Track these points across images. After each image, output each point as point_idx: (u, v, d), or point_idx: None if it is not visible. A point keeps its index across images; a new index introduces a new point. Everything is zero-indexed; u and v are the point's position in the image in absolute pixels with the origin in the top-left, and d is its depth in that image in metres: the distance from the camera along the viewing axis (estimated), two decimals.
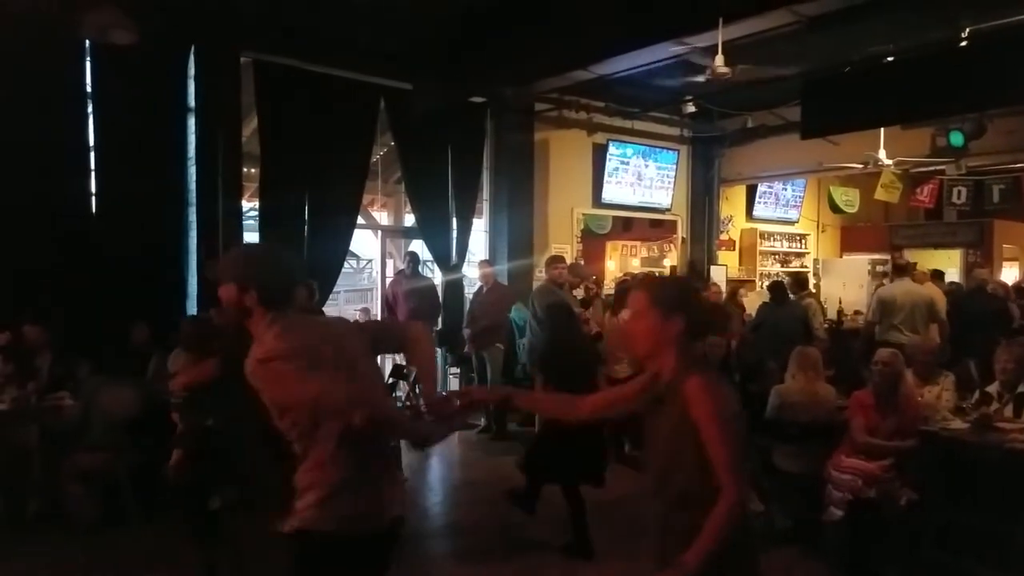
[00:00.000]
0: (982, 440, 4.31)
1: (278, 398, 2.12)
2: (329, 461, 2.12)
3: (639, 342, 2.12)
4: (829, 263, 12.49)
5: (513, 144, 8.80)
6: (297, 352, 2.12)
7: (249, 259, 2.29)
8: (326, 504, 2.13)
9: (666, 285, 2.36)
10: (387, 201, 10.56)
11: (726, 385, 2.13)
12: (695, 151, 11.06)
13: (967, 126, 8.19)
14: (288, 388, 2.09)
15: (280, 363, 2.09)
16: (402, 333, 2.58)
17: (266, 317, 2.16)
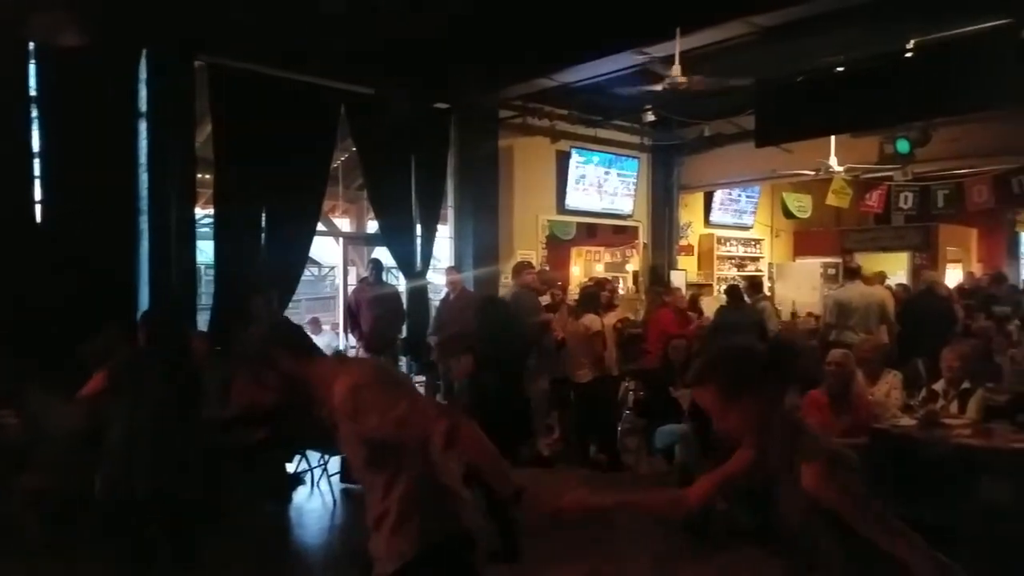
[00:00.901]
0: (929, 436, 4.47)
1: (373, 424, 2.08)
2: (415, 487, 2.12)
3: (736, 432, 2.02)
4: (783, 267, 12.78)
5: (478, 151, 8.82)
6: (376, 374, 2.18)
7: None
8: (416, 532, 2.13)
9: (727, 369, 2.00)
10: (349, 208, 10.49)
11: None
12: (655, 159, 11.24)
13: (913, 134, 8.48)
14: (383, 410, 2.07)
15: (370, 387, 2.10)
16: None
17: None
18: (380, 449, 2.11)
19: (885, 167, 9.58)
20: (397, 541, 2.12)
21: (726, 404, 1.93)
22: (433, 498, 2.13)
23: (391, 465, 2.12)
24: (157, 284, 6.54)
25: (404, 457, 2.10)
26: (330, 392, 2.10)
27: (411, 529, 2.11)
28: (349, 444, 2.18)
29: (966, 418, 4.64)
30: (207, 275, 8.20)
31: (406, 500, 2.11)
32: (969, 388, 4.84)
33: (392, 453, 2.11)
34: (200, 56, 6.89)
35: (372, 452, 2.13)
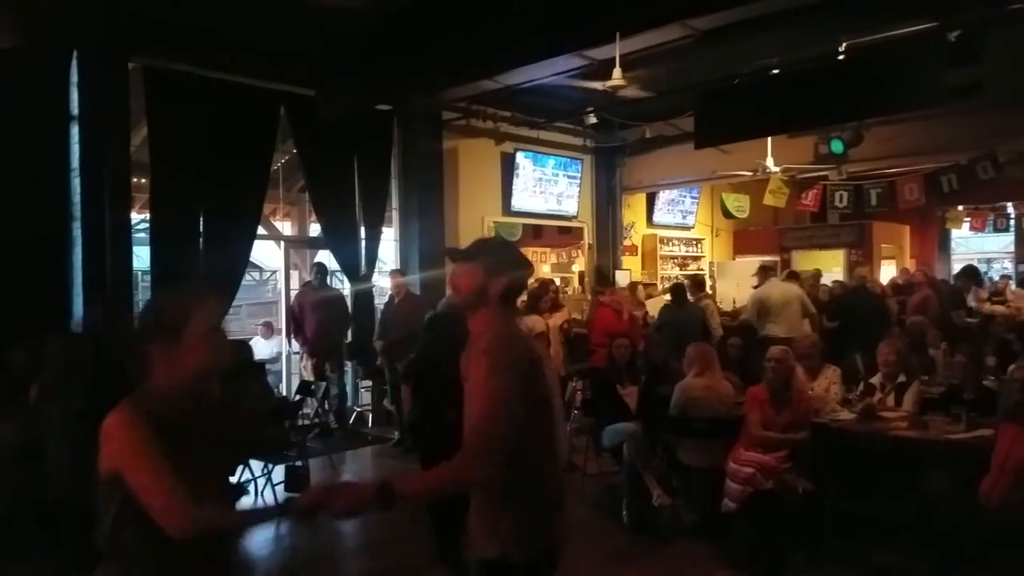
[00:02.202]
0: (867, 429, 4.61)
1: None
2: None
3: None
4: (723, 265, 13.06)
5: (421, 152, 8.76)
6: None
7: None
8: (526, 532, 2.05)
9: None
10: (290, 210, 10.30)
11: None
12: (598, 160, 11.35)
13: (846, 135, 8.74)
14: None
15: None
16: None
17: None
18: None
19: (820, 167, 9.85)
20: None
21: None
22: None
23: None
24: (91, 291, 6.33)
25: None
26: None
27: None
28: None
29: (903, 411, 4.80)
30: (144, 281, 7.97)
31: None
32: (905, 381, 5.01)
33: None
34: (134, 57, 6.69)
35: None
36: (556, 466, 2.14)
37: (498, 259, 2.12)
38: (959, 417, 4.47)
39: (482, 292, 2.07)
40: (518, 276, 2.14)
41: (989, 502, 3.76)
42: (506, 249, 2.24)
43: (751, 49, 7.22)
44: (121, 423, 1.78)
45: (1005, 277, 14.31)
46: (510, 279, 2.09)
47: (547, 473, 2.08)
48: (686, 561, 4.58)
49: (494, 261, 2.10)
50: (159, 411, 1.81)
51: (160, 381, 1.86)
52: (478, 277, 2.07)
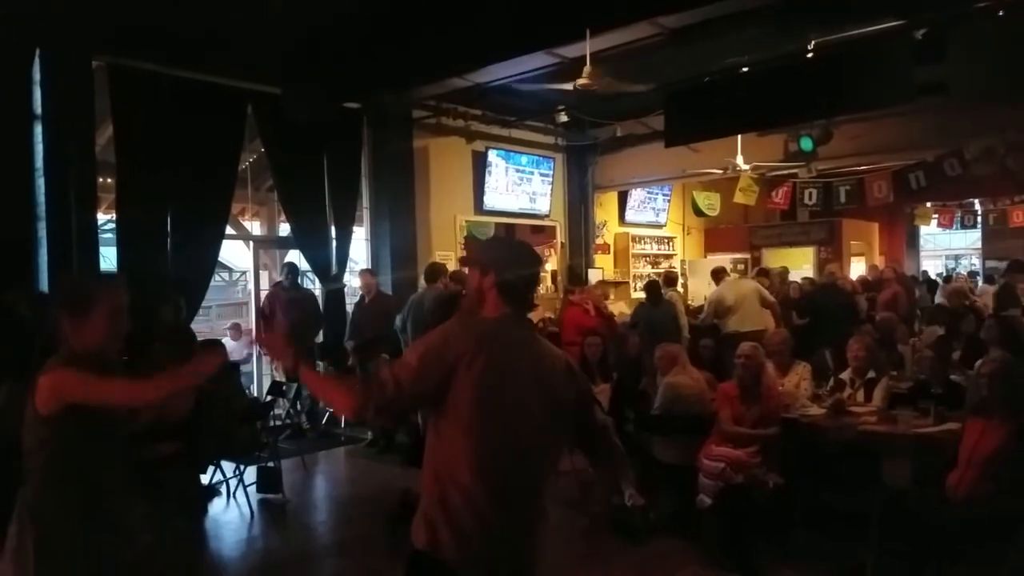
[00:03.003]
0: (837, 424, 4.66)
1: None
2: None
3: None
4: (695, 263, 13.14)
5: (392, 151, 8.70)
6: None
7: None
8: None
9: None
10: (259, 210, 10.17)
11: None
12: (570, 159, 11.36)
13: (816, 132, 8.83)
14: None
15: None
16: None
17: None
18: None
19: (790, 165, 9.95)
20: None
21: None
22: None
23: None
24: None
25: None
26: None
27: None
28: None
29: (872, 406, 4.86)
30: None
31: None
32: (874, 377, 5.06)
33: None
34: (98, 56, 6.59)
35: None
36: (489, 479, 1.98)
37: (495, 258, 2.14)
38: (927, 411, 4.53)
39: (480, 290, 2.11)
40: (515, 274, 2.11)
41: (956, 495, 3.82)
42: (506, 248, 2.29)
43: (720, 48, 7.26)
44: (57, 371, 2.20)
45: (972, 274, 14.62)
46: (504, 277, 2.09)
47: (480, 485, 1.96)
48: (659, 558, 4.59)
49: (491, 260, 2.13)
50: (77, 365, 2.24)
51: (72, 349, 2.28)
52: (476, 276, 2.13)
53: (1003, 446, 3.74)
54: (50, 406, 2.19)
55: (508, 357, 2.02)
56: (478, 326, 2.07)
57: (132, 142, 6.79)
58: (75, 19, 6.17)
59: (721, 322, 8.05)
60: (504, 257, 2.15)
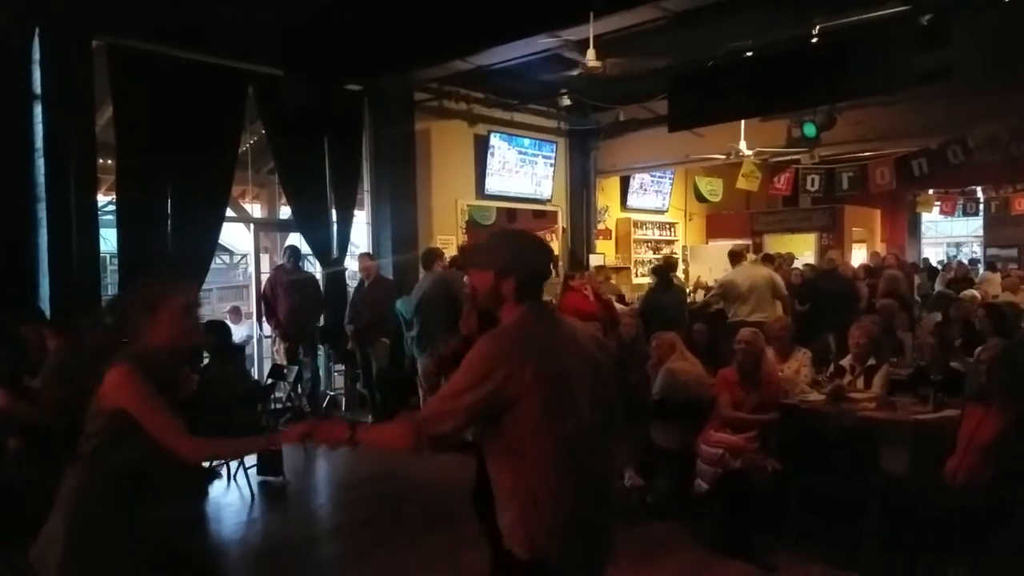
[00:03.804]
0: (836, 410, 4.67)
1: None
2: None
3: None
4: (696, 249, 13.13)
5: (393, 134, 8.66)
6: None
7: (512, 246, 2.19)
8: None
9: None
10: (260, 192, 10.15)
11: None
12: (572, 143, 11.31)
13: (819, 118, 8.77)
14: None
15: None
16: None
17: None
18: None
19: (792, 151, 9.91)
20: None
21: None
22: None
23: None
24: (57, 275, 6.24)
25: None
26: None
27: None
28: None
29: (871, 392, 4.86)
30: (112, 264, 7.84)
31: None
32: (875, 364, 5.06)
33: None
34: (98, 36, 6.54)
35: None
36: (573, 472, 2.01)
37: (506, 258, 2.11)
38: (926, 398, 4.54)
39: (496, 293, 2.10)
40: (530, 270, 2.11)
41: (954, 481, 3.83)
42: (515, 243, 2.21)
43: (724, 32, 7.21)
44: (128, 375, 2.25)
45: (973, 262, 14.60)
46: (519, 275, 2.08)
47: (567, 484, 2.00)
48: (655, 541, 4.61)
49: (502, 261, 2.10)
50: (149, 374, 2.29)
51: (146, 344, 2.35)
52: (489, 279, 2.10)
53: (1002, 432, 3.75)
54: (109, 401, 2.26)
55: (552, 352, 2.03)
56: (512, 334, 2.05)
57: (132, 123, 6.75)
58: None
59: (728, 308, 7.88)
60: (522, 257, 2.12)
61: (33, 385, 4.83)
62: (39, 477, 4.50)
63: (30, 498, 4.52)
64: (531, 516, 1.98)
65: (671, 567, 4.28)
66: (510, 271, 2.07)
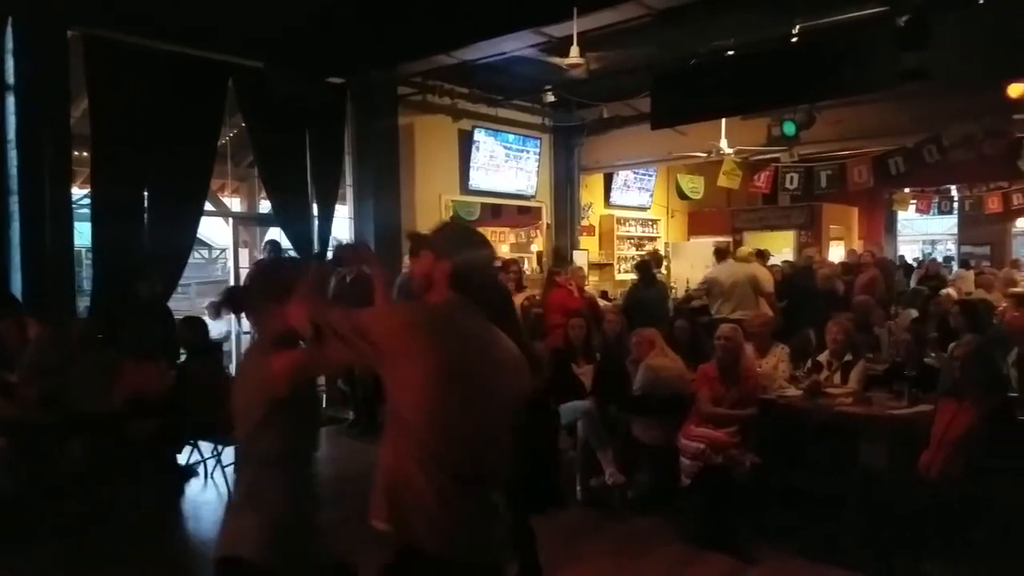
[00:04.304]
0: (814, 405, 4.72)
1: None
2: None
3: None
4: (678, 246, 13.20)
5: (376, 128, 8.59)
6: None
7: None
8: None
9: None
10: (239, 186, 10.06)
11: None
12: (556, 140, 11.32)
13: (799, 117, 8.86)
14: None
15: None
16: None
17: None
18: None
19: (772, 149, 10.00)
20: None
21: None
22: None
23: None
24: (30, 269, 6.15)
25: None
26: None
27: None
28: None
29: (848, 388, 4.92)
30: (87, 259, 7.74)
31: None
32: (851, 360, 5.13)
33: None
34: (74, 26, 6.43)
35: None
36: (467, 469, 1.96)
37: (445, 243, 2.09)
38: (901, 393, 4.60)
39: (429, 276, 2.06)
40: (467, 260, 2.06)
41: (928, 475, 3.89)
42: (457, 232, 2.21)
43: (707, 30, 7.25)
44: (285, 354, 2.21)
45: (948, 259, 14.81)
46: (455, 262, 2.04)
47: (445, 472, 1.94)
48: (638, 536, 4.64)
49: (440, 246, 2.08)
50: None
51: (275, 332, 2.28)
52: (427, 262, 2.07)
53: (974, 427, 3.81)
54: (287, 387, 2.19)
55: (462, 343, 1.98)
56: (429, 314, 2.02)
57: (108, 115, 6.65)
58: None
59: (712, 304, 7.95)
60: (460, 246, 2.09)
61: (11, 379, 4.77)
62: (29, 477, 4.46)
63: (22, 499, 4.50)
64: (402, 495, 1.95)
65: (653, 562, 4.31)
66: (446, 256, 2.05)
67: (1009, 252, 15.01)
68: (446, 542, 1.95)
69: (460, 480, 1.95)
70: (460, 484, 1.95)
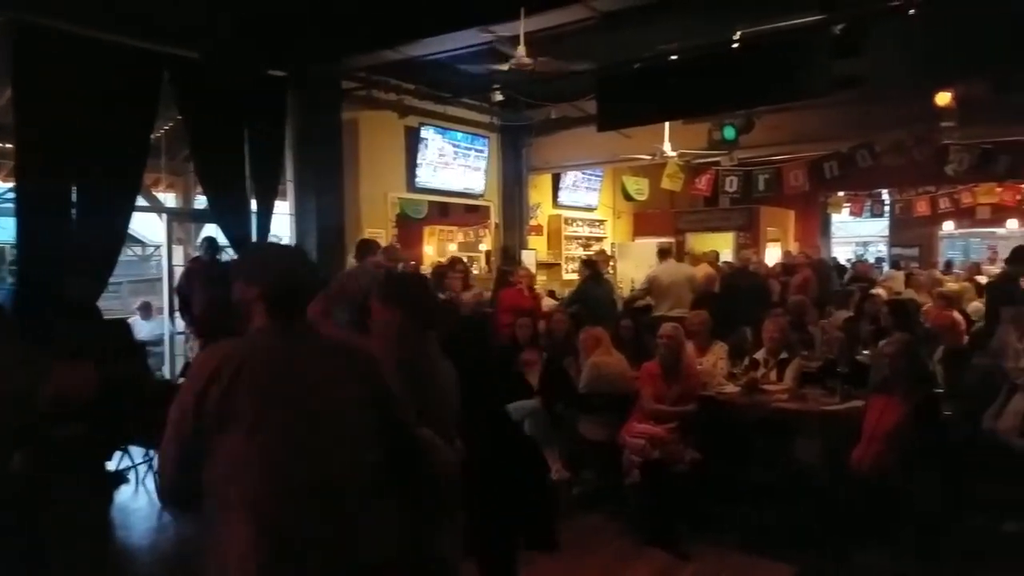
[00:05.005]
0: (751, 401, 4.83)
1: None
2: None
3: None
4: (624, 247, 13.35)
5: (319, 123, 8.39)
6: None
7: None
8: None
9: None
10: (174, 181, 9.75)
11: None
12: (505, 139, 11.30)
13: (738, 122, 9.05)
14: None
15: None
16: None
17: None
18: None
19: (713, 153, 10.18)
20: None
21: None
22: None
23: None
24: None
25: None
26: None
27: None
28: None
29: (784, 384, 5.05)
30: (10, 255, 7.41)
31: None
32: (787, 357, 5.26)
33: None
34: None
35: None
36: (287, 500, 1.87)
37: (251, 268, 2.04)
38: (834, 390, 4.74)
39: (246, 303, 2.00)
40: (277, 283, 1.98)
41: (860, 468, 4.01)
42: (264, 255, 2.19)
43: (650, 34, 7.33)
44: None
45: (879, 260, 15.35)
46: (264, 288, 1.97)
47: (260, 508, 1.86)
48: (582, 533, 4.66)
49: (248, 272, 2.03)
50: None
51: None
52: (241, 289, 2.02)
53: (903, 421, 3.94)
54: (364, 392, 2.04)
55: (265, 370, 1.89)
56: (227, 348, 1.94)
57: (34, 105, 6.32)
58: None
59: (653, 302, 8.24)
60: (267, 269, 2.02)
61: None
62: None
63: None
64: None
65: (595, 559, 4.33)
66: (253, 281, 1.99)
67: (936, 254, 15.67)
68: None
69: (280, 516, 1.87)
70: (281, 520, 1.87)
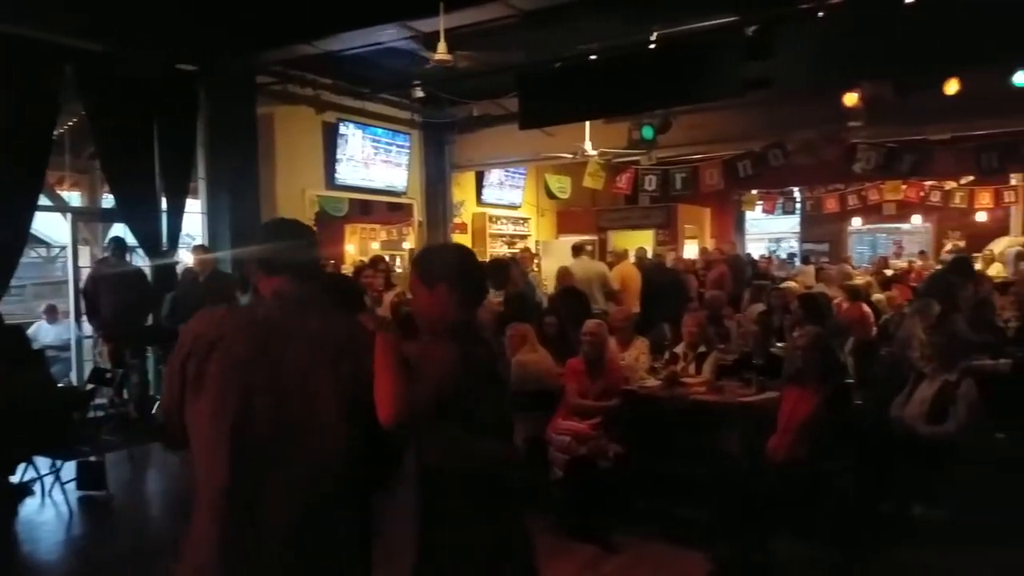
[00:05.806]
0: (672, 394, 4.94)
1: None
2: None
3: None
4: (548, 244, 13.45)
5: (232, 119, 8.11)
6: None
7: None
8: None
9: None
10: (79, 180, 9.25)
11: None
12: (427, 136, 11.22)
13: (656, 122, 9.26)
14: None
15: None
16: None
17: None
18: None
19: (633, 152, 10.39)
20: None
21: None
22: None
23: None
24: None
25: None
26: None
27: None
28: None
29: (702, 377, 5.19)
30: None
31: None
32: (705, 351, 5.41)
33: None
34: None
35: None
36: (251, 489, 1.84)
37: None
38: (750, 381, 4.90)
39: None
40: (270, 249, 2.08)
41: (775, 457, 4.16)
42: (266, 228, 2.24)
43: (570, 34, 7.40)
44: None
45: (791, 256, 15.97)
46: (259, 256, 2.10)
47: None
48: None
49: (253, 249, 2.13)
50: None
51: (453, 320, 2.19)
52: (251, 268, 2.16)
53: (816, 411, 4.10)
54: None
55: (236, 349, 1.90)
56: (198, 326, 2.00)
57: None
58: None
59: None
60: (263, 238, 2.11)
61: None
62: None
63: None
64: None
65: None
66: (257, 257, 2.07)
67: (846, 249, 16.42)
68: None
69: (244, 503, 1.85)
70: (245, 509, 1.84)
